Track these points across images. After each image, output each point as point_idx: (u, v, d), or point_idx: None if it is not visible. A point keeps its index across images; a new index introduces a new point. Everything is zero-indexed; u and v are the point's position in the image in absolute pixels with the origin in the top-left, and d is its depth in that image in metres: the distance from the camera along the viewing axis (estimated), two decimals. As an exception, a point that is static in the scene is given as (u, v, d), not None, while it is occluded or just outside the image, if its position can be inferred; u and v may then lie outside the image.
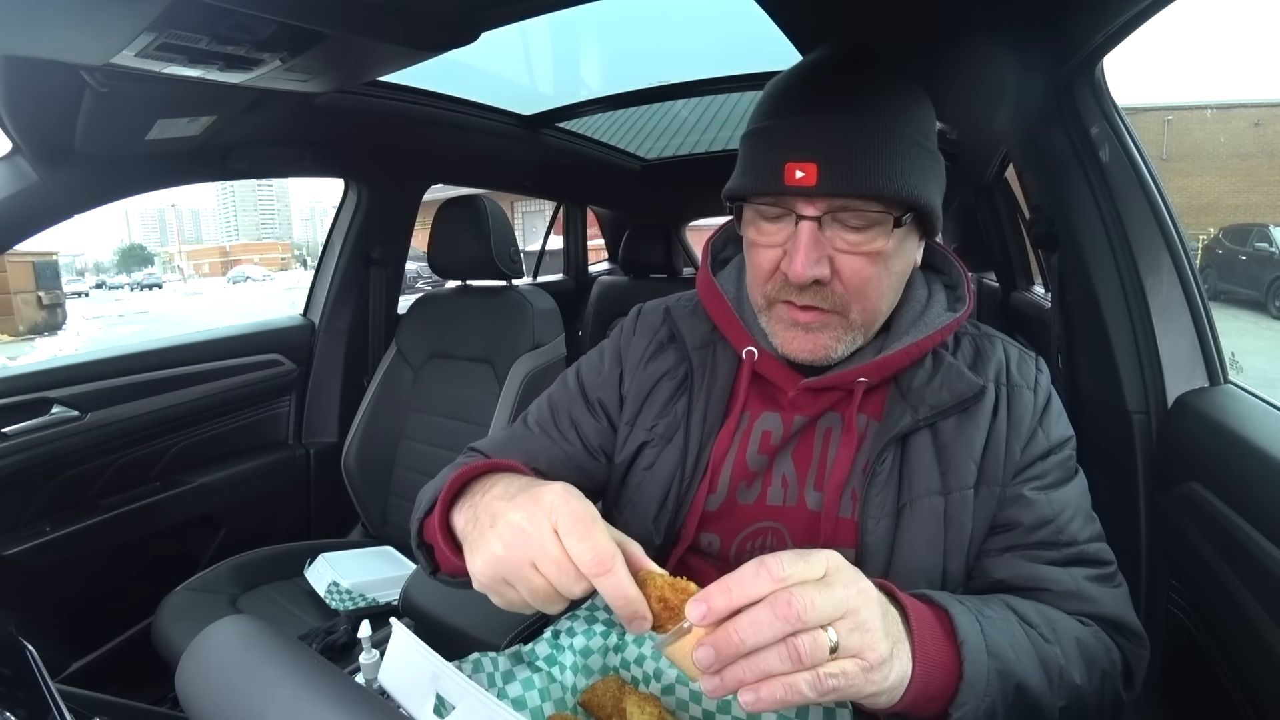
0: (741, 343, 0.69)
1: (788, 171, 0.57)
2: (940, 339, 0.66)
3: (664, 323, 0.77)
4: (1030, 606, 0.57)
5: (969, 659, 0.47)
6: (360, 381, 1.85)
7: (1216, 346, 0.94)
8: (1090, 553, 0.62)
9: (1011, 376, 0.66)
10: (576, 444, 0.74)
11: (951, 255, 0.74)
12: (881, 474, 0.62)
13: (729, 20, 1.58)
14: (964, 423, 0.63)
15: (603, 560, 0.43)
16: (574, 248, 3.06)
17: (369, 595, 1.34)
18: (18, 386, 1.32)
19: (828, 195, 0.57)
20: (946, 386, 0.64)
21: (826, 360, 0.64)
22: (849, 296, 0.61)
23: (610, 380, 0.76)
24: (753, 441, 0.68)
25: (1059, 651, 0.54)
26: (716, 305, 0.71)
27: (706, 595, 0.41)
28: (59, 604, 1.37)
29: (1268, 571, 0.64)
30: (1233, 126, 17.33)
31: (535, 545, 0.45)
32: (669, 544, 0.69)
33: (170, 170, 1.36)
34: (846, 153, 0.57)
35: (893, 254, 0.61)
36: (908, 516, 0.61)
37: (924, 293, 0.70)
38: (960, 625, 0.49)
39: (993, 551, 0.62)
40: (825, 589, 0.41)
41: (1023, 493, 0.62)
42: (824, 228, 0.59)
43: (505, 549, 0.46)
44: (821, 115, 0.59)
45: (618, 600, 0.43)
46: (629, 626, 0.44)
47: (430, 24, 0.94)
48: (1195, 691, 0.84)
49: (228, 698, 0.40)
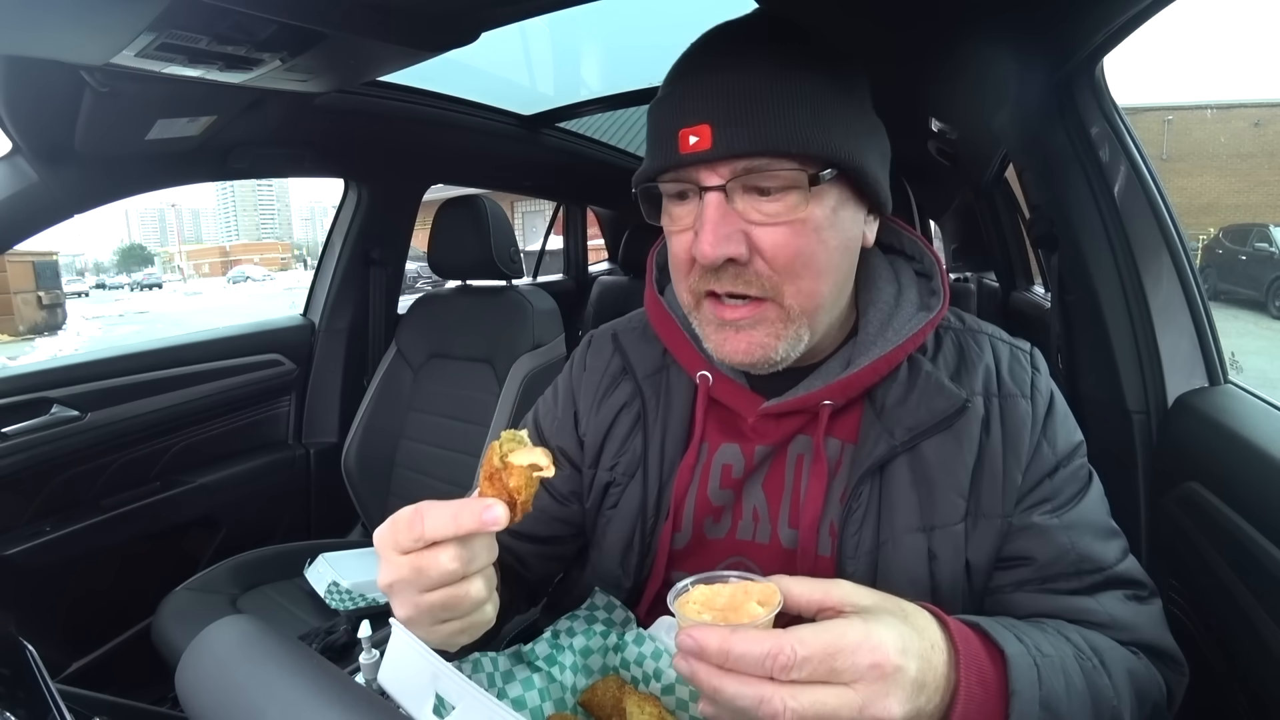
0: (695, 366, 0.63)
1: (681, 139, 0.51)
2: (913, 346, 0.58)
3: (614, 352, 0.71)
4: (1082, 636, 0.51)
5: (1018, 711, 0.43)
6: (360, 381, 1.85)
7: (1216, 346, 0.94)
8: (1119, 574, 0.55)
9: (1004, 385, 0.59)
10: (544, 496, 0.70)
11: (920, 240, 0.66)
12: (858, 510, 0.57)
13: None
14: (947, 443, 0.57)
15: (405, 524, 0.43)
16: (574, 248, 3.06)
17: (369, 595, 1.34)
18: (18, 386, 1.32)
19: (726, 158, 0.50)
20: (924, 404, 0.57)
21: (769, 364, 0.56)
22: (778, 278, 0.52)
23: (565, 424, 0.71)
24: (713, 476, 0.63)
25: (1112, 691, 0.49)
26: (665, 326, 0.66)
27: (703, 640, 0.39)
28: (59, 604, 1.37)
29: (1268, 571, 0.64)
30: (1233, 126, 17.34)
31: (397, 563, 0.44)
32: (640, 583, 0.66)
33: (170, 170, 1.36)
34: (740, 107, 0.49)
35: (825, 225, 0.52)
36: (889, 554, 0.56)
37: (892, 289, 0.62)
38: (1015, 674, 0.44)
39: (1007, 588, 0.56)
40: (827, 701, 0.38)
41: (1033, 521, 0.55)
42: (733, 200, 0.52)
43: (393, 580, 0.45)
44: (713, 74, 0.51)
45: (453, 525, 0.42)
46: (482, 525, 0.42)
47: (430, 24, 0.94)
48: (1195, 692, 0.84)
49: (228, 698, 0.40)
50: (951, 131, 1.50)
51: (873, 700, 0.38)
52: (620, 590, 0.66)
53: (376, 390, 1.70)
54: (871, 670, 0.39)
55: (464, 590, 0.44)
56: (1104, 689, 0.48)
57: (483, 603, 0.45)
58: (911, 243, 0.66)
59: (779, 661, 0.38)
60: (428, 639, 0.46)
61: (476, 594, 0.44)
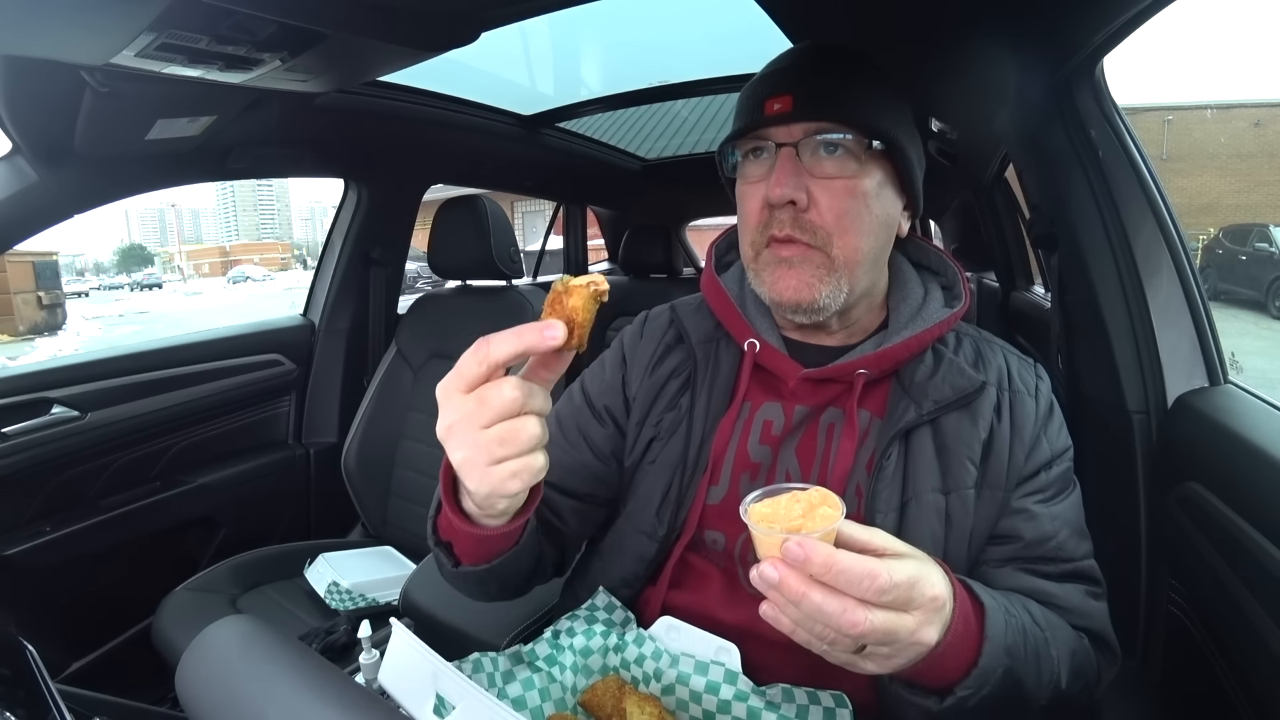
0: (744, 335, 0.71)
1: (767, 106, 0.63)
2: (939, 333, 0.67)
3: (671, 324, 0.78)
4: (1040, 611, 0.59)
5: (988, 652, 0.50)
6: (360, 381, 1.85)
7: (1216, 346, 0.93)
8: (1084, 569, 0.65)
9: (1014, 382, 0.68)
10: (586, 452, 0.75)
11: (947, 255, 0.75)
12: (888, 469, 0.63)
13: (729, 20, 1.58)
14: (965, 420, 0.65)
15: (470, 355, 0.45)
16: (574, 248, 3.06)
17: (369, 595, 1.34)
18: (18, 386, 1.32)
19: (802, 120, 0.62)
20: (948, 382, 0.65)
21: (814, 307, 0.65)
22: (828, 229, 0.63)
23: (614, 386, 0.77)
24: (754, 432, 0.69)
25: (1055, 658, 0.57)
26: (719, 301, 0.73)
27: (811, 551, 0.43)
28: (59, 604, 1.37)
29: (1268, 571, 0.64)
30: (1233, 126, 17.34)
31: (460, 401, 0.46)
32: (673, 535, 0.69)
33: (170, 170, 1.36)
34: (819, 85, 0.64)
35: (871, 194, 0.64)
36: (913, 511, 0.62)
37: (920, 290, 0.72)
38: (990, 621, 0.51)
39: (993, 562, 0.64)
40: (894, 623, 0.44)
41: (1027, 506, 0.63)
42: (801, 156, 0.63)
43: (454, 420, 0.46)
44: (802, 66, 0.66)
45: (516, 341, 0.44)
46: (543, 340, 0.44)
47: (430, 24, 0.94)
48: (1195, 691, 0.84)
49: (228, 698, 0.40)
50: (951, 131, 1.50)
51: (922, 626, 0.46)
52: (654, 540, 0.69)
53: (376, 390, 1.70)
54: (931, 602, 0.46)
55: (522, 424, 0.45)
56: (1049, 657, 0.56)
57: (539, 442, 0.46)
58: (937, 258, 0.75)
59: (877, 583, 0.43)
60: (480, 483, 0.47)
61: (534, 429, 0.45)
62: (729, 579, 0.67)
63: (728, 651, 0.61)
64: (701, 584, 0.69)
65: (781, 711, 0.55)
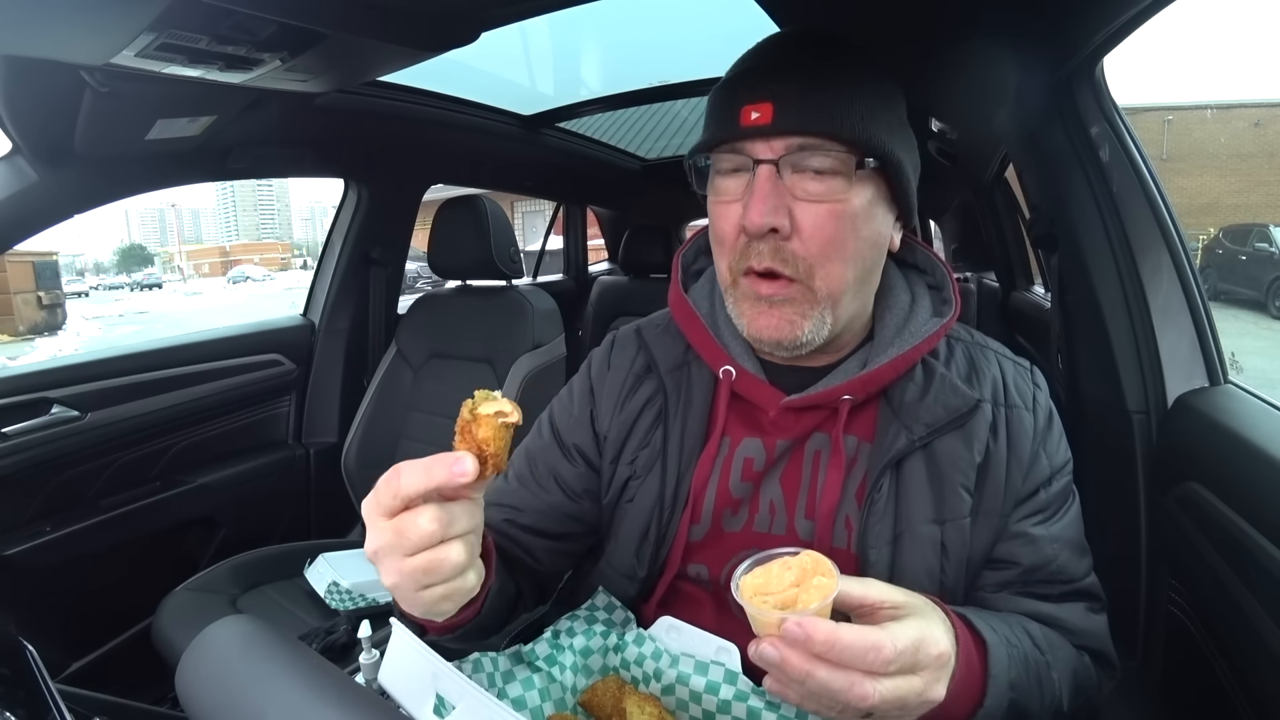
0: (717, 361, 0.65)
1: (744, 114, 0.56)
2: (928, 347, 0.62)
3: (639, 350, 0.72)
4: (1040, 632, 0.58)
5: (992, 692, 0.50)
6: (360, 381, 1.85)
7: (1216, 346, 0.94)
8: (1085, 587, 0.63)
9: (1009, 397, 0.63)
10: (558, 493, 0.71)
11: (934, 255, 0.70)
12: (879, 501, 0.60)
13: (729, 20, 1.58)
14: (959, 442, 0.61)
15: (384, 484, 0.44)
16: (574, 248, 3.06)
17: (369, 595, 1.34)
18: (18, 386, 1.32)
19: (784, 133, 0.55)
20: (940, 402, 0.61)
21: (795, 343, 0.59)
22: (811, 260, 0.56)
23: (582, 422, 0.72)
24: (734, 470, 0.64)
25: (1057, 681, 0.56)
26: (689, 322, 0.67)
27: (812, 630, 0.42)
28: (59, 604, 1.37)
29: (1268, 571, 0.64)
30: (1233, 126, 17.33)
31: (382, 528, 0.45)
32: (655, 574, 0.67)
33: (170, 170, 1.36)
34: (803, 91, 0.55)
35: (860, 215, 0.57)
36: (907, 545, 0.59)
37: (907, 297, 0.66)
38: (993, 659, 0.50)
39: (990, 586, 0.61)
40: (903, 688, 0.44)
41: (1025, 530, 0.61)
42: (783, 175, 0.56)
43: (378, 546, 0.45)
44: (779, 64, 0.58)
45: (425, 477, 0.43)
46: (451, 477, 0.42)
47: (430, 24, 0.94)
48: (1195, 691, 0.84)
49: (228, 698, 0.40)
50: (951, 131, 1.50)
51: (930, 685, 0.45)
52: (634, 581, 0.67)
53: (376, 390, 1.70)
54: (936, 660, 0.46)
55: (444, 554, 0.44)
56: (1050, 681, 0.56)
57: (463, 568, 0.45)
58: (924, 257, 0.70)
59: (882, 655, 0.43)
60: (412, 606, 0.46)
61: (456, 558, 0.44)
62: (719, 603, 0.66)
63: (728, 651, 0.61)
64: (694, 609, 0.67)
65: (781, 711, 0.55)
